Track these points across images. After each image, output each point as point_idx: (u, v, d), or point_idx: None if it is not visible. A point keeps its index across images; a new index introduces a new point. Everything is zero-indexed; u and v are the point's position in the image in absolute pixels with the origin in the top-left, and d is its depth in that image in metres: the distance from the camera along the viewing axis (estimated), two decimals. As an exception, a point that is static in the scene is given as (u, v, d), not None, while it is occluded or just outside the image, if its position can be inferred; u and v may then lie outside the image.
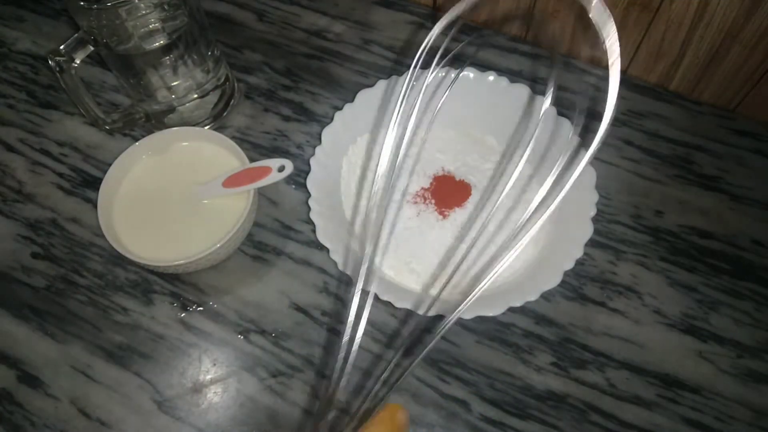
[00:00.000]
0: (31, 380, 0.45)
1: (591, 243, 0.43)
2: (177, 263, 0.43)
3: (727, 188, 0.52)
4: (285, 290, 0.48)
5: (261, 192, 0.51)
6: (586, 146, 0.48)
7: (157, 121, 0.55)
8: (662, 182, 0.53)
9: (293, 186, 0.53)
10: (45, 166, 0.55)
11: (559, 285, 0.41)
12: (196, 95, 0.53)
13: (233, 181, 0.47)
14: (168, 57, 0.49)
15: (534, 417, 0.43)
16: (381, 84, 0.51)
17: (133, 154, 0.49)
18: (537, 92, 0.50)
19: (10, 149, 0.56)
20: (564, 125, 0.48)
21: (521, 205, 0.48)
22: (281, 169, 0.46)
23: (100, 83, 0.60)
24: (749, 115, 0.56)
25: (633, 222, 0.51)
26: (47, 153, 0.56)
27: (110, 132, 0.54)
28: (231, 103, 0.57)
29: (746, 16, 0.48)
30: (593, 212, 0.44)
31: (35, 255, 0.51)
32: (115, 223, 0.46)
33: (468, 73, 0.51)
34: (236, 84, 0.58)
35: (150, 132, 0.52)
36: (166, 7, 0.46)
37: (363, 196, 0.50)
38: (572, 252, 0.43)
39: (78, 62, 0.46)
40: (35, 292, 0.49)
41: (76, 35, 0.46)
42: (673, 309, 0.47)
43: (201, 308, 0.48)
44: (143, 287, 0.49)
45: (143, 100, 0.53)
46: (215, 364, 0.46)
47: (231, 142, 0.48)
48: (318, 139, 0.48)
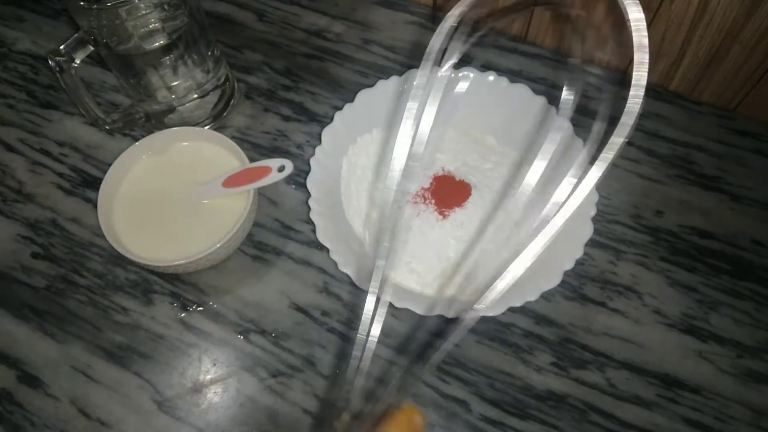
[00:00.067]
0: (31, 380, 0.45)
1: (591, 243, 0.43)
2: (177, 263, 0.43)
3: (727, 188, 0.52)
4: (285, 290, 0.48)
5: (261, 192, 0.51)
6: (586, 147, 0.48)
7: (157, 121, 0.55)
8: (662, 182, 0.53)
9: (293, 186, 0.53)
10: (45, 166, 0.55)
11: (559, 285, 0.41)
12: (196, 95, 0.53)
13: (233, 181, 0.47)
14: (168, 57, 0.49)
15: (534, 417, 0.43)
16: (381, 84, 0.51)
17: (133, 154, 0.49)
18: (537, 92, 0.50)
19: (10, 149, 0.56)
20: (567, 127, 0.48)
21: (522, 206, 0.48)
22: (281, 169, 0.46)
23: (100, 83, 0.60)
24: (749, 115, 0.56)
25: (633, 222, 0.51)
26: (47, 153, 0.56)
27: (110, 132, 0.54)
28: (231, 103, 0.57)
29: (746, 16, 0.48)
30: (593, 212, 0.44)
31: (35, 255, 0.51)
32: (115, 223, 0.46)
33: (468, 73, 0.51)
34: (236, 84, 0.58)
35: (150, 132, 0.52)
36: (166, 7, 0.46)
37: (363, 196, 0.50)
38: (572, 252, 0.43)
39: (78, 62, 0.46)
40: (35, 292, 0.49)
41: (76, 35, 0.46)
42: (673, 309, 0.47)
43: (201, 308, 0.48)
44: (143, 287, 0.49)
45: (143, 100, 0.53)
46: (215, 364, 0.46)
47: (231, 142, 0.48)
48: (318, 139, 0.48)
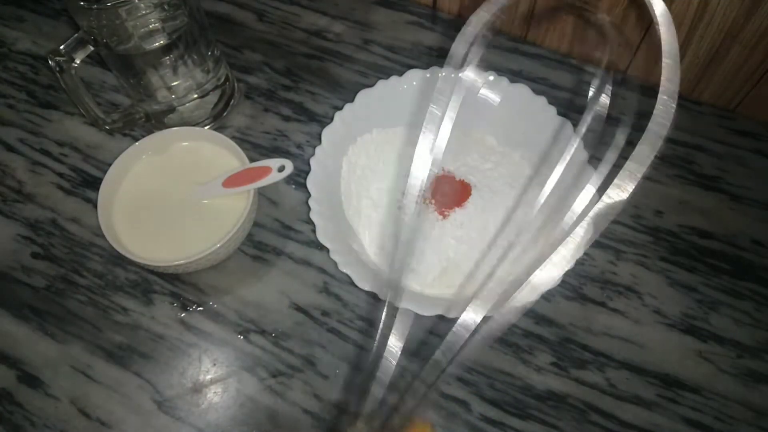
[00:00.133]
0: (31, 380, 0.45)
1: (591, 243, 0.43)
2: (177, 263, 0.43)
3: (727, 188, 0.52)
4: (285, 290, 0.48)
5: (261, 192, 0.51)
6: (588, 147, 0.48)
7: (157, 121, 0.55)
8: (662, 182, 0.53)
9: (293, 186, 0.53)
10: (45, 166, 0.55)
11: (559, 285, 0.41)
12: (196, 95, 0.53)
13: (233, 181, 0.47)
14: (168, 57, 0.49)
15: (534, 417, 0.43)
16: (381, 84, 0.51)
17: (133, 154, 0.49)
18: (537, 92, 0.50)
19: (10, 149, 0.56)
20: (567, 127, 0.48)
21: (522, 206, 0.48)
22: (281, 169, 0.46)
23: (100, 83, 0.60)
24: (749, 115, 0.56)
25: (633, 222, 0.51)
26: (47, 153, 0.56)
27: (110, 132, 0.54)
28: (231, 103, 0.57)
29: (746, 16, 0.48)
30: (593, 212, 0.44)
31: (35, 255, 0.51)
32: (115, 223, 0.46)
33: (468, 73, 0.51)
34: (236, 84, 0.58)
35: (150, 132, 0.52)
36: (166, 7, 0.46)
37: (363, 196, 0.50)
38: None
39: (78, 62, 0.46)
40: (35, 292, 0.49)
41: (76, 35, 0.46)
42: (673, 309, 0.47)
43: (201, 308, 0.48)
44: (143, 287, 0.49)
45: (143, 100, 0.53)
46: (215, 364, 0.46)
47: (231, 142, 0.48)
48: (318, 139, 0.48)
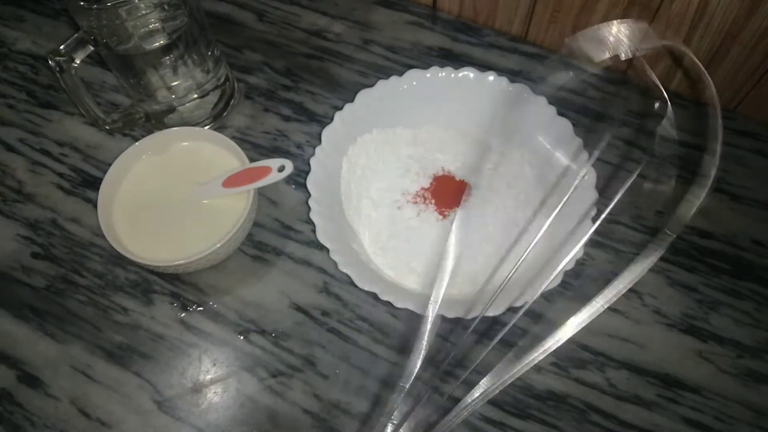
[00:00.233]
0: (31, 380, 0.45)
1: (591, 243, 0.43)
2: (177, 263, 0.43)
3: (727, 188, 0.52)
4: (285, 290, 0.48)
5: (261, 192, 0.51)
6: (590, 149, 0.48)
7: (157, 121, 0.55)
8: (662, 182, 0.53)
9: (293, 186, 0.53)
10: (45, 166, 0.55)
11: (559, 285, 0.41)
12: (196, 95, 0.53)
13: (233, 181, 0.47)
14: (168, 57, 0.49)
15: (534, 417, 0.43)
16: (381, 84, 0.51)
17: (133, 154, 0.49)
18: (537, 92, 0.50)
19: (10, 149, 0.56)
20: (567, 127, 0.48)
21: (522, 206, 0.48)
22: (281, 169, 0.45)
23: (100, 83, 0.60)
24: (749, 115, 0.56)
25: (633, 222, 0.51)
26: (47, 153, 0.56)
27: (110, 132, 0.54)
28: (231, 103, 0.57)
29: (746, 16, 0.48)
30: (593, 212, 0.44)
31: (35, 255, 0.51)
32: (115, 223, 0.46)
33: (468, 73, 0.51)
34: (236, 84, 0.58)
35: (150, 132, 0.52)
36: (166, 7, 0.46)
37: (363, 196, 0.50)
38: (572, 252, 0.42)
39: (78, 62, 0.46)
40: (35, 292, 0.49)
41: (76, 35, 0.46)
42: (673, 309, 0.47)
43: (201, 308, 0.48)
44: (143, 287, 0.49)
45: (143, 100, 0.53)
46: (215, 364, 0.46)
47: (231, 142, 0.48)
48: (318, 139, 0.48)
